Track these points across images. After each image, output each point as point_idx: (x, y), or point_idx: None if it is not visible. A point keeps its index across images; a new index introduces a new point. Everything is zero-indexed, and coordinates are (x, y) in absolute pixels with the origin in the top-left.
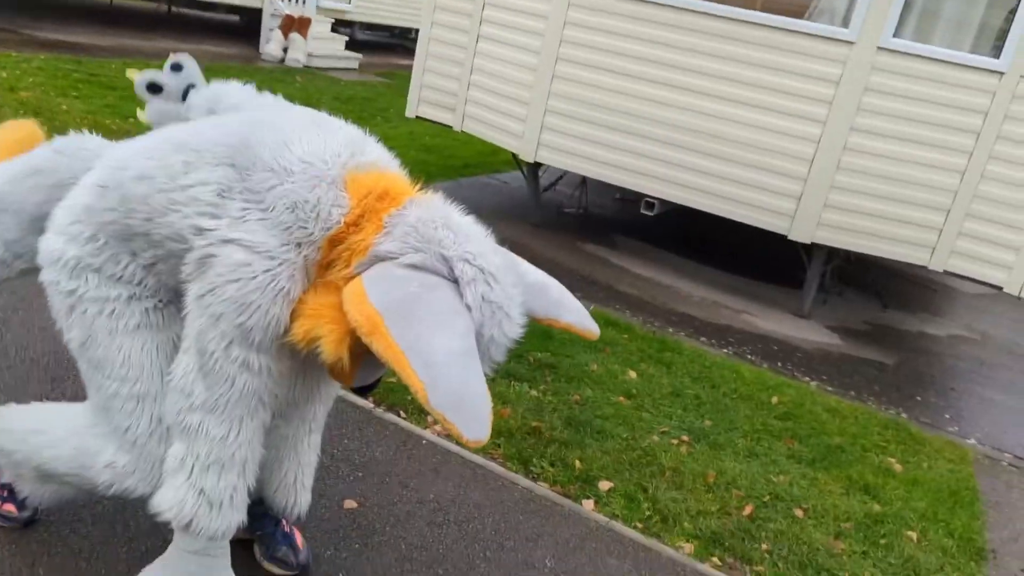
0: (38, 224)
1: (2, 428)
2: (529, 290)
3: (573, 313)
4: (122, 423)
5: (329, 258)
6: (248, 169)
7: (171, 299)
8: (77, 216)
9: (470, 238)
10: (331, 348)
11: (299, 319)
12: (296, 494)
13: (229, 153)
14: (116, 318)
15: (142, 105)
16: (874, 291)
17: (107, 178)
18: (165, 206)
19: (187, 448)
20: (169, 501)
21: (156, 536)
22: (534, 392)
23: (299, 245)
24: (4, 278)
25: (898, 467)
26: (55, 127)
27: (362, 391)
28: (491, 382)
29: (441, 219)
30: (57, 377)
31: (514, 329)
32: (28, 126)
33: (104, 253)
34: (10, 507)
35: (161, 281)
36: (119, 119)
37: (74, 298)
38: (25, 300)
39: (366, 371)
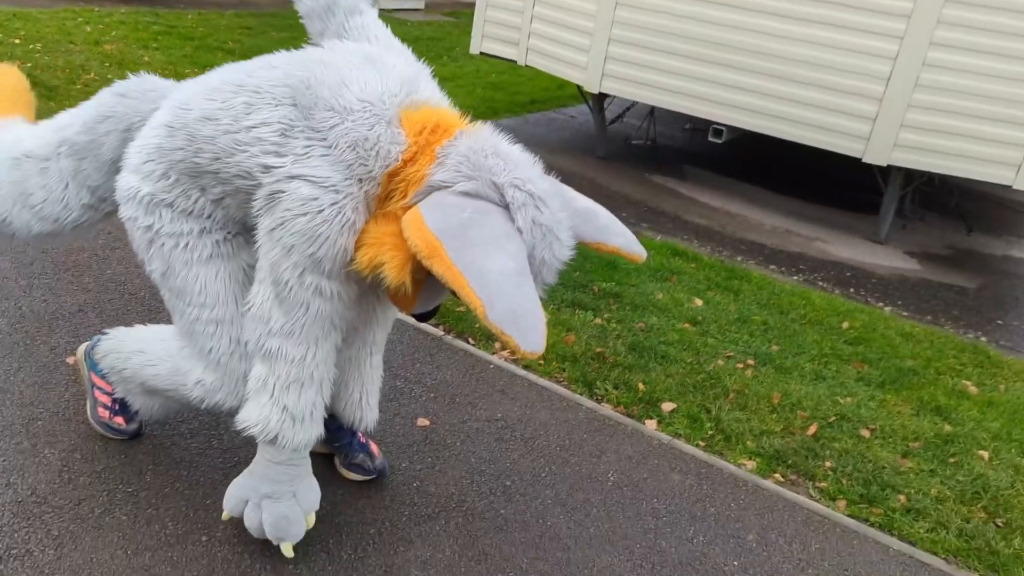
0: (117, 167)
1: (112, 348)
2: (577, 215)
3: (620, 236)
4: (205, 345)
5: (388, 190)
6: (310, 108)
7: (239, 230)
8: (149, 155)
9: (519, 165)
10: (394, 273)
11: (362, 248)
12: (362, 411)
13: (290, 93)
14: (190, 250)
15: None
16: (958, 215)
17: (173, 118)
18: (231, 147)
19: (269, 369)
20: (255, 418)
21: (247, 448)
22: (598, 320)
23: (360, 180)
24: (95, 221)
25: (973, 389)
26: None
27: (423, 317)
28: (555, 311)
29: (491, 148)
30: (153, 308)
31: (564, 251)
32: (12, 71)
33: (176, 189)
34: (120, 420)
35: (229, 214)
36: (198, 68)
37: (151, 233)
38: (121, 240)
39: (426, 298)
